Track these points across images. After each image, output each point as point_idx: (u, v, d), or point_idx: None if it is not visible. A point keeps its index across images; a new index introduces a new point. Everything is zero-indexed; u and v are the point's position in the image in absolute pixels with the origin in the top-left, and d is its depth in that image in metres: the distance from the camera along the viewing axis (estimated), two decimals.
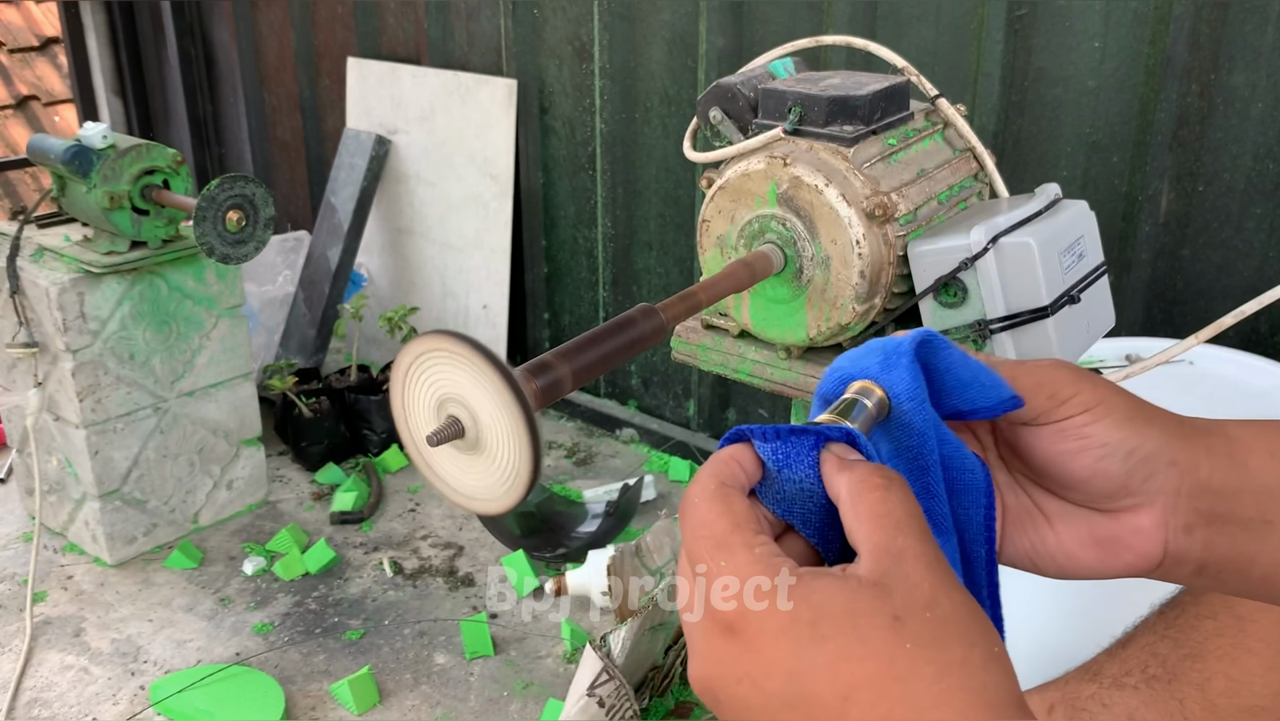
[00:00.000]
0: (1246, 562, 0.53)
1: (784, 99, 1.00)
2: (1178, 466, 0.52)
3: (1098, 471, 0.52)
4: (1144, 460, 0.52)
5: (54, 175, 1.94)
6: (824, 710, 0.40)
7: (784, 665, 0.41)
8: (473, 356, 0.56)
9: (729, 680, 0.43)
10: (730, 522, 0.44)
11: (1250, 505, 0.52)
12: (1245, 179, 1.64)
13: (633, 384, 2.54)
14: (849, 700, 0.40)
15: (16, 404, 2.05)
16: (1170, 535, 0.53)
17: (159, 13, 3.26)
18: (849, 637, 0.41)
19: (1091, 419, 0.52)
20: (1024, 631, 1.50)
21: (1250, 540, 0.52)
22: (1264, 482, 0.52)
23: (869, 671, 0.40)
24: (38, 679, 1.78)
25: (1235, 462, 0.52)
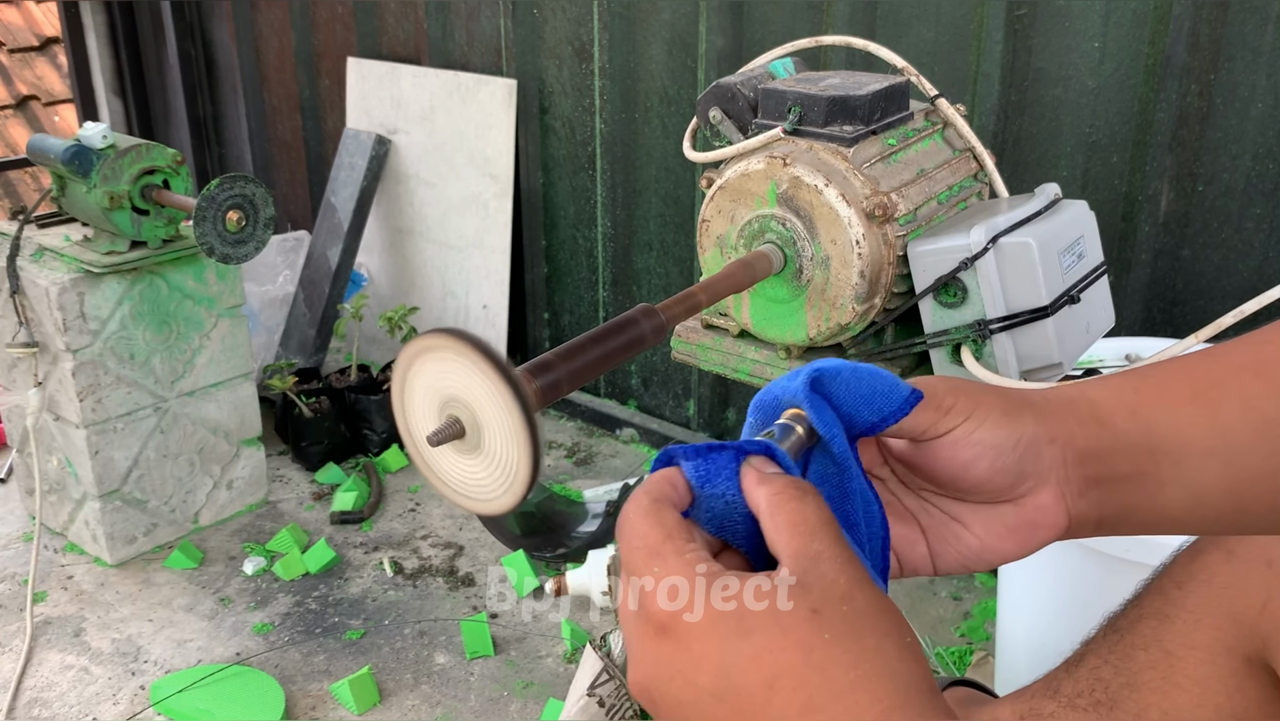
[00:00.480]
0: (1133, 510, 0.58)
1: (784, 99, 1.00)
2: (1056, 441, 0.57)
3: (996, 470, 0.56)
4: (1029, 446, 0.56)
5: (54, 175, 1.94)
6: (750, 699, 0.43)
7: (712, 660, 0.44)
8: (473, 356, 0.56)
9: (663, 679, 0.45)
10: (662, 533, 0.47)
11: (1124, 461, 0.57)
12: (1245, 179, 1.64)
13: (633, 384, 2.54)
14: (772, 688, 0.43)
15: (17, 404, 2.05)
16: (1069, 503, 0.58)
17: (159, 13, 3.26)
18: (771, 631, 0.43)
19: (975, 424, 0.56)
20: (1024, 631, 1.50)
21: (1130, 491, 0.58)
22: (1130, 439, 0.57)
23: (790, 661, 0.43)
24: (38, 678, 1.78)
25: (1103, 425, 0.57)
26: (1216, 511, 0.58)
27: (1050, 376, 0.96)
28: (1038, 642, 1.45)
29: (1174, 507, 0.58)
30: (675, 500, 0.50)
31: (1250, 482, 0.56)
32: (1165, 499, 0.58)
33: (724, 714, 0.44)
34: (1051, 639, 1.16)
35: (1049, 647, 1.11)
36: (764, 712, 0.43)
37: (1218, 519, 0.58)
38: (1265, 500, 0.57)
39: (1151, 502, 0.58)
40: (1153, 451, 0.57)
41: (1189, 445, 0.57)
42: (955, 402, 0.56)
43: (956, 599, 1.89)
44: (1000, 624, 1.57)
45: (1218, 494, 0.57)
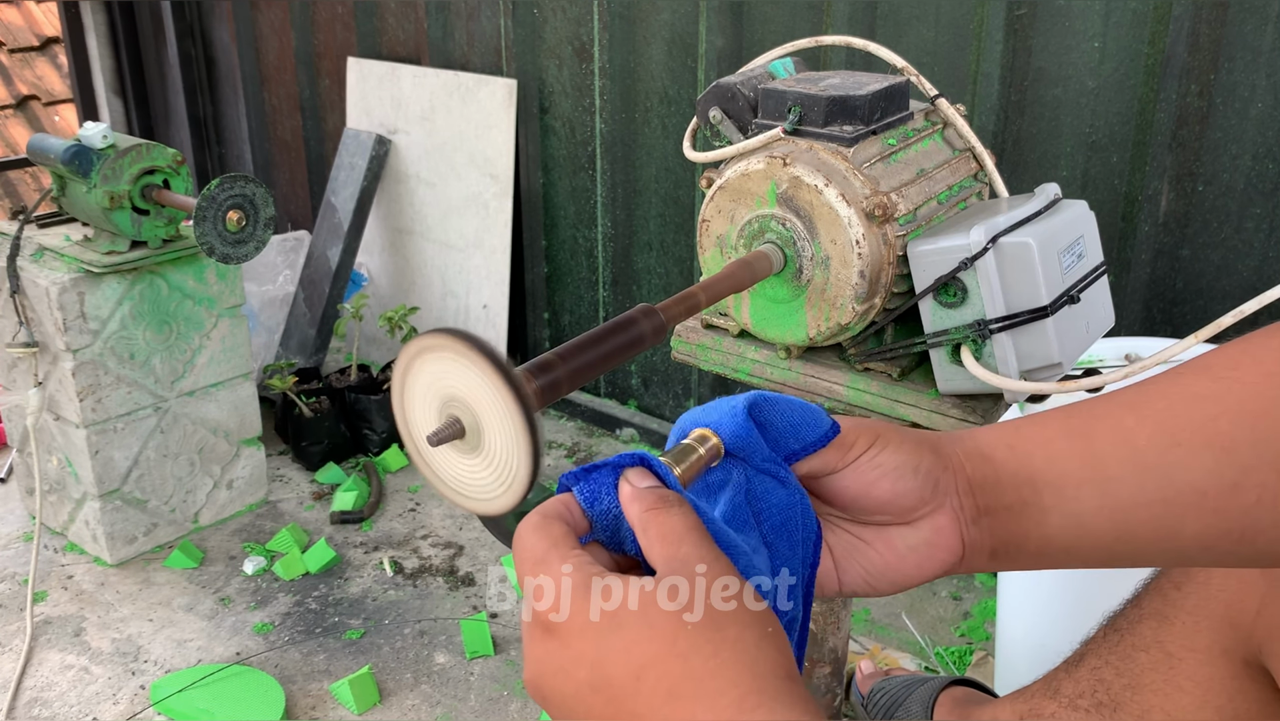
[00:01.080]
0: (1023, 538, 0.62)
1: (784, 99, 1.00)
2: (949, 471, 0.62)
3: (897, 491, 0.61)
4: (928, 472, 0.61)
5: (54, 175, 1.94)
6: (621, 689, 0.47)
7: (589, 654, 0.48)
8: (473, 355, 0.56)
9: (548, 674, 0.49)
10: (549, 542, 0.51)
11: (1008, 491, 0.62)
12: (1245, 179, 1.64)
13: (633, 383, 2.55)
14: (640, 678, 0.46)
15: (17, 403, 2.05)
16: (964, 528, 0.62)
17: (159, 13, 3.27)
18: (640, 624, 0.47)
19: (877, 449, 0.61)
20: (1024, 631, 1.50)
21: (1017, 520, 0.62)
22: (1011, 471, 0.62)
23: (656, 651, 0.47)
24: (38, 678, 1.78)
25: (985, 458, 0.62)
26: (1102, 540, 0.61)
27: (1050, 376, 0.96)
28: (1037, 642, 1.45)
29: (1061, 536, 0.61)
30: (567, 518, 0.54)
31: (1127, 510, 0.59)
32: (1051, 527, 0.61)
33: (600, 704, 0.47)
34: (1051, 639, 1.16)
35: (1049, 647, 1.11)
36: (633, 700, 0.46)
37: (1105, 548, 0.61)
38: (1148, 527, 0.60)
39: (1039, 531, 0.61)
40: (1032, 482, 0.61)
41: (1065, 475, 0.61)
42: (858, 438, 0.61)
43: (956, 599, 1.90)
44: (1000, 624, 1.57)
45: (1100, 521, 0.60)
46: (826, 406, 1.06)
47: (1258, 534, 0.58)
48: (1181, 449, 0.59)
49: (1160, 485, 0.59)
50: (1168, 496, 0.59)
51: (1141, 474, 0.59)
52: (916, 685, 1.46)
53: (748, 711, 0.45)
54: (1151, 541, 0.60)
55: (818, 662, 1.20)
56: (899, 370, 1.02)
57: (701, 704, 0.46)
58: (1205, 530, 0.59)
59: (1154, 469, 0.59)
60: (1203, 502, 0.58)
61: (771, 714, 0.46)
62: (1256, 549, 0.59)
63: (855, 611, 1.86)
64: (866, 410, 1.03)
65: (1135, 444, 0.60)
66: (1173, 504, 0.59)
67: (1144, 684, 0.93)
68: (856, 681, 1.55)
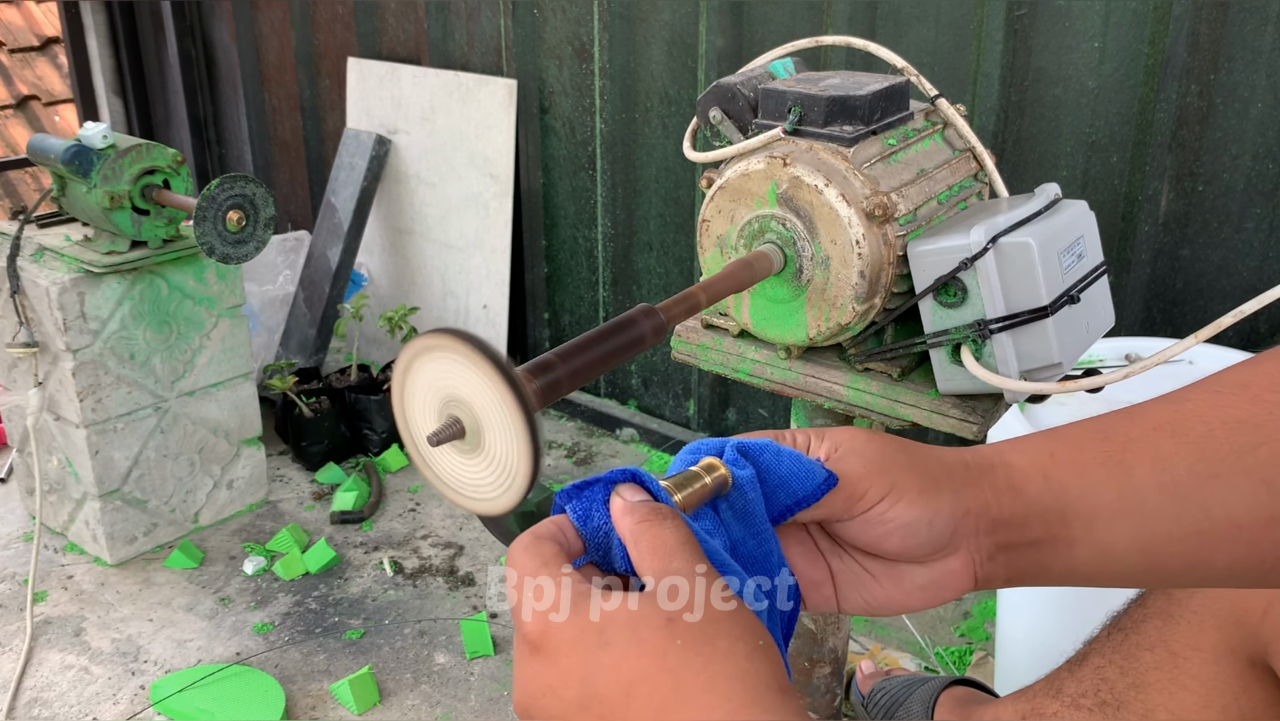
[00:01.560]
0: (1043, 570, 0.60)
1: (784, 99, 1.00)
2: (971, 514, 0.59)
3: (907, 546, 0.59)
4: (945, 525, 0.58)
5: (54, 175, 1.94)
6: (610, 706, 0.46)
7: (577, 672, 0.47)
8: (473, 355, 0.56)
9: (537, 695, 0.48)
10: (539, 561, 0.51)
11: (1036, 527, 0.59)
12: (1245, 179, 1.64)
13: (633, 383, 2.54)
14: (630, 694, 0.46)
15: (17, 403, 2.05)
16: (977, 567, 0.60)
17: (159, 13, 3.27)
18: (629, 640, 0.46)
19: (888, 505, 0.58)
20: (1024, 631, 1.50)
21: (1041, 554, 0.60)
22: (1043, 505, 0.59)
23: (645, 667, 0.46)
24: (38, 678, 1.78)
25: (1016, 492, 0.59)
26: (1128, 569, 0.59)
27: (1050, 376, 0.96)
28: (1038, 642, 1.45)
29: (1086, 566, 0.60)
30: (560, 539, 0.53)
31: (1161, 543, 0.58)
32: (1076, 558, 0.59)
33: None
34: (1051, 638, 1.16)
35: (1049, 647, 1.11)
36: (624, 717, 0.46)
37: (1130, 575, 0.60)
38: (1177, 559, 0.58)
39: (1064, 562, 0.60)
40: (1064, 515, 0.59)
41: (1099, 508, 0.59)
42: (870, 487, 0.58)
43: (956, 599, 1.90)
44: (1000, 624, 1.57)
45: (1129, 553, 0.59)
46: (826, 406, 1.06)
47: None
48: (1220, 480, 0.57)
49: (1197, 518, 0.57)
50: (1203, 529, 0.57)
51: (1178, 506, 0.57)
52: (917, 685, 1.46)
53: None
54: (1181, 572, 0.59)
55: (818, 662, 1.20)
56: (899, 370, 1.02)
57: (692, 717, 0.45)
58: (1237, 561, 0.58)
59: (1192, 501, 0.57)
60: (1238, 535, 0.57)
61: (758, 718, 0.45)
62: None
63: None
64: (866, 410, 1.03)
65: (1174, 473, 0.58)
66: (1208, 536, 0.57)
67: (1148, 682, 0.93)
68: (857, 681, 1.56)
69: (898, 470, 0.59)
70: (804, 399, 1.07)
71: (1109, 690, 0.97)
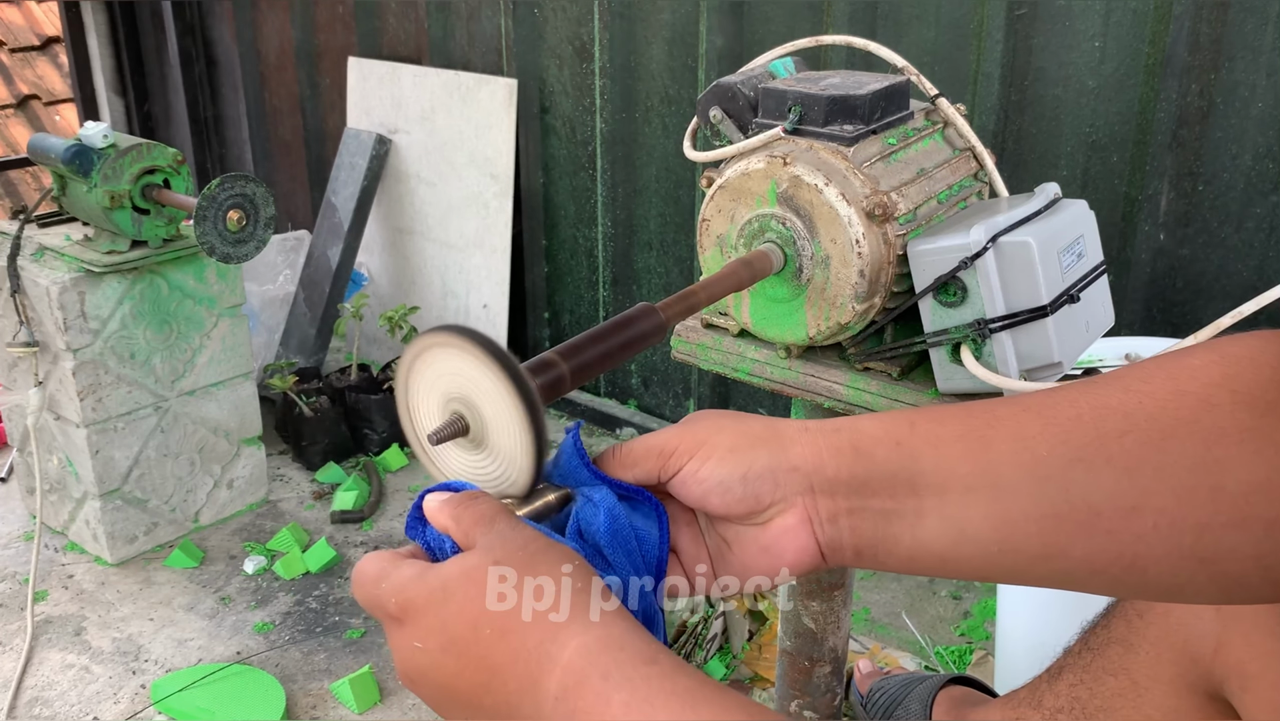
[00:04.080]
0: (893, 540, 0.60)
1: (784, 98, 1.00)
2: (799, 470, 0.60)
3: (728, 502, 0.60)
4: (760, 476, 0.60)
5: (55, 174, 1.94)
6: (464, 641, 0.53)
7: (433, 625, 0.54)
8: (477, 352, 0.57)
9: (409, 657, 0.55)
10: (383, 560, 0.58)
11: (882, 493, 0.59)
12: (1245, 178, 1.64)
13: (633, 383, 2.55)
14: (477, 627, 0.53)
15: (17, 403, 2.06)
16: (817, 527, 0.60)
17: (160, 12, 3.27)
18: (467, 585, 0.54)
19: (698, 463, 0.60)
20: (1024, 630, 1.50)
21: (888, 524, 0.59)
22: (890, 470, 0.59)
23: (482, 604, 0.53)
24: (39, 677, 1.78)
25: (860, 455, 0.59)
26: (982, 549, 0.58)
27: (1050, 375, 0.96)
28: (1037, 641, 1.45)
29: (937, 542, 0.58)
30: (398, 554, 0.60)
31: (1017, 522, 0.57)
32: (926, 532, 0.58)
33: (451, 661, 0.53)
34: (1051, 638, 1.16)
35: (1048, 647, 1.11)
36: (476, 647, 0.53)
37: (984, 558, 0.58)
38: (1033, 541, 0.57)
39: (912, 535, 0.59)
40: (913, 483, 0.58)
41: (952, 478, 0.58)
42: (678, 446, 0.61)
43: (956, 598, 1.90)
44: (1000, 623, 1.57)
45: (984, 531, 0.57)
46: (826, 406, 1.06)
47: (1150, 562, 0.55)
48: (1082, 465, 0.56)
49: (1054, 499, 0.56)
50: (1060, 512, 0.56)
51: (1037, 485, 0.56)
52: (915, 684, 1.46)
53: (565, 625, 0.52)
54: (1037, 558, 0.57)
55: (817, 661, 1.20)
56: (899, 369, 1.03)
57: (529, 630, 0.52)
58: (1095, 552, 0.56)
59: (1051, 481, 0.56)
60: (1095, 522, 0.56)
61: (584, 623, 0.52)
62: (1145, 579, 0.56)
63: (855, 610, 1.87)
64: (867, 409, 1.03)
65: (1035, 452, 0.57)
66: (1064, 520, 0.56)
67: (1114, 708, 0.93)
68: (855, 681, 1.56)
69: (710, 431, 0.61)
70: (804, 398, 1.07)
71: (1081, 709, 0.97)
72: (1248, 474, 0.54)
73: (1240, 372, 0.56)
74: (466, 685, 0.54)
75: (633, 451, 0.62)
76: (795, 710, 1.23)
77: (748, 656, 1.75)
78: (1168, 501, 0.55)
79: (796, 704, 1.22)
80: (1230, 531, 0.54)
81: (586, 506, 0.60)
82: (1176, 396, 0.56)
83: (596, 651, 0.51)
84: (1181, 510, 0.54)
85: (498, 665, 0.52)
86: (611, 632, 0.52)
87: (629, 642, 0.51)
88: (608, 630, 0.52)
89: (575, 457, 0.62)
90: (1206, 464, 0.55)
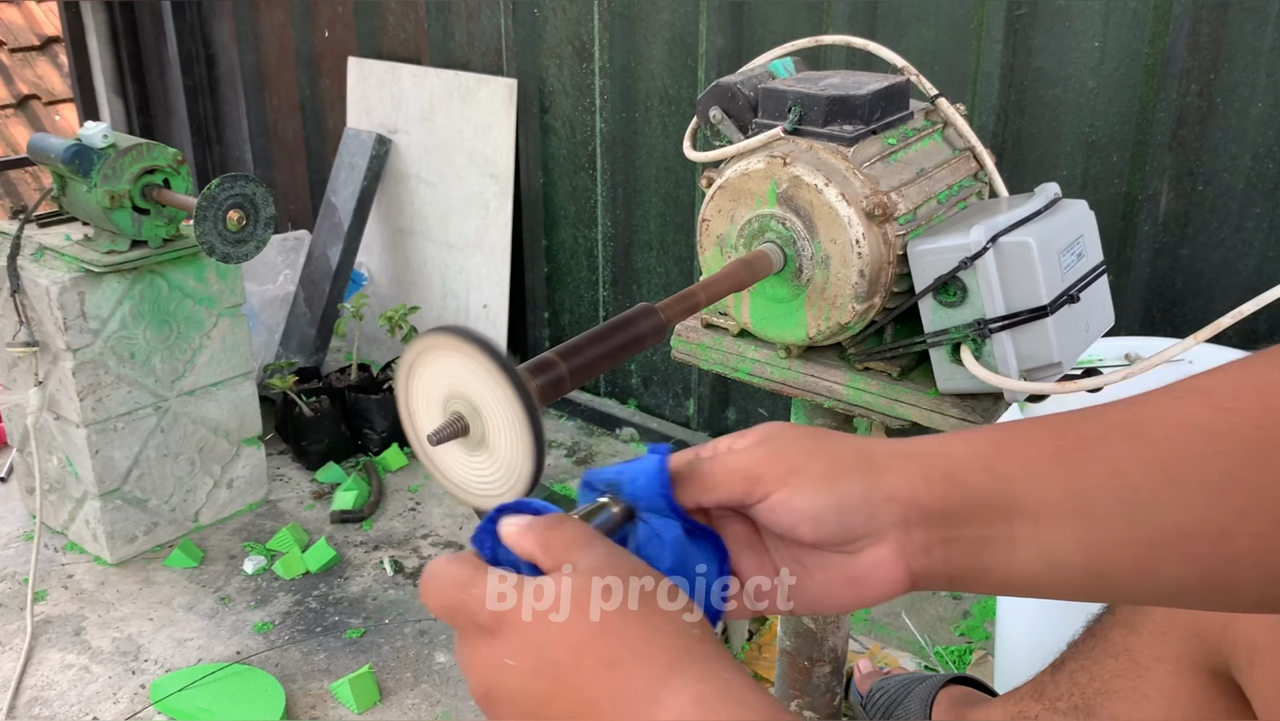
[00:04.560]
0: (985, 568, 0.58)
1: (784, 99, 1.00)
2: (896, 500, 0.57)
3: (820, 533, 0.57)
4: (856, 508, 0.57)
5: (54, 174, 1.94)
6: (562, 668, 0.50)
7: (531, 643, 0.51)
8: (477, 353, 0.57)
9: (494, 674, 0.52)
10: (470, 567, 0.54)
11: (974, 520, 0.57)
12: (1244, 179, 1.64)
13: (633, 383, 2.55)
14: (579, 654, 0.50)
15: (17, 403, 2.06)
16: (910, 559, 0.58)
17: (160, 12, 3.27)
18: (575, 608, 0.51)
19: (790, 492, 0.57)
20: (1024, 630, 1.50)
21: (980, 552, 0.57)
22: (982, 498, 0.57)
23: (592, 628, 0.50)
24: (38, 677, 1.78)
25: (954, 483, 0.57)
26: (1072, 576, 0.57)
27: (1050, 375, 0.96)
28: (1037, 641, 1.45)
29: (1029, 568, 0.57)
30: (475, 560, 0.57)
31: (1109, 548, 0.56)
32: (1018, 559, 0.57)
33: (544, 686, 0.50)
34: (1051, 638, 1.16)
35: (1048, 647, 1.11)
36: (575, 675, 0.50)
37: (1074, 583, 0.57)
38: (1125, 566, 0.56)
39: (1005, 562, 0.57)
40: (1007, 511, 0.57)
41: (1045, 506, 0.56)
42: (766, 472, 0.57)
43: (956, 598, 1.90)
44: (1000, 623, 1.57)
45: (1075, 558, 0.56)
46: (826, 406, 1.06)
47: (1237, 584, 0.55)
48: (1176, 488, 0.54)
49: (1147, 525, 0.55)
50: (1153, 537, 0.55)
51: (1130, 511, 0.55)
52: (915, 684, 1.46)
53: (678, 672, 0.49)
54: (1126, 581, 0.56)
55: (817, 661, 1.20)
56: (899, 369, 1.03)
57: (638, 669, 0.49)
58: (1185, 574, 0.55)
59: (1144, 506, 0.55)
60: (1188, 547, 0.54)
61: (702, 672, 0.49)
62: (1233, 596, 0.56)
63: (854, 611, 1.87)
64: (866, 409, 1.04)
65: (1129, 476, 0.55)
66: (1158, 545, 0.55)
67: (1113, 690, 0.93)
68: (855, 681, 1.56)
69: (800, 456, 0.58)
70: (804, 398, 1.07)
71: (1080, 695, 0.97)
72: None
73: None
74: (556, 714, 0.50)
75: (715, 474, 0.59)
76: (795, 710, 1.23)
77: (748, 656, 1.75)
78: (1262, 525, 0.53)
79: (796, 704, 1.23)
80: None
81: (652, 541, 0.57)
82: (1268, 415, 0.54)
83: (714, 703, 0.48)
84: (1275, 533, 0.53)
85: (595, 699, 0.49)
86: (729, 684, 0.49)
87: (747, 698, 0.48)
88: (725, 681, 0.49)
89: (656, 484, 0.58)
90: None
